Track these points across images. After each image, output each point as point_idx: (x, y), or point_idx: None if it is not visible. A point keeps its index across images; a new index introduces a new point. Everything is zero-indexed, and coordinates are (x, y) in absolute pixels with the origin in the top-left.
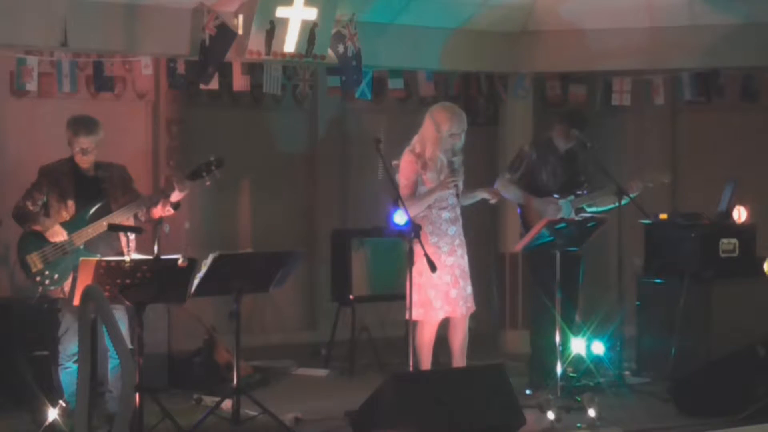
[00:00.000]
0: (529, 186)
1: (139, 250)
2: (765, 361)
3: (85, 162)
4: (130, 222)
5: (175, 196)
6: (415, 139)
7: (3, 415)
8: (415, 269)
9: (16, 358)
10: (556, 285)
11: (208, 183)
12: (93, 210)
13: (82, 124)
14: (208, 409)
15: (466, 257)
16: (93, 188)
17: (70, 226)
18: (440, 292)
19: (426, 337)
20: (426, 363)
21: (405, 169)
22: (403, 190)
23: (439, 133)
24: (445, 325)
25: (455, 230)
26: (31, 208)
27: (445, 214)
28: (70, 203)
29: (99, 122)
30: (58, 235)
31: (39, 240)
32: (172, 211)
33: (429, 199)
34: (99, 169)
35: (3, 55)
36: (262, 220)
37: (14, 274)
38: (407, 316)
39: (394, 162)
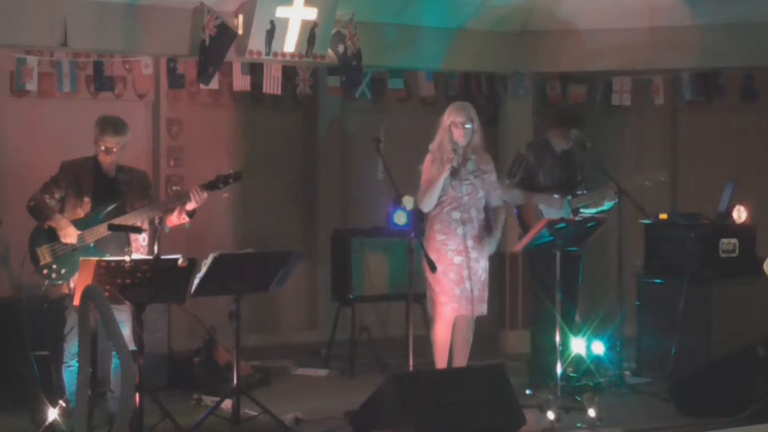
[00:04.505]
0: (527, 189)
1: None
2: (765, 361)
3: (107, 161)
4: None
5: (191, 205)
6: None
7: (3, 415)
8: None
9: (16, 358)
10: (556, 285)
11: (225, 195)
12: (108, 210)
13: (110, 124)
14: (208, 409)
15: (483, 262)
16: (111, 189)
17: (84, 223)
18: (444, 288)
19: (438, 334)
20: (440, 361)
21: (425, 168)
22: (421, 187)
23: (444, 124)
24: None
25: (465, 231)
26: (47, 201)
27: (455, 214)
28: (87, 201)
29: (127, 125)
30: (70, 237)
31: (51, 234)
32: (187, 219)
33: (435, 186)
34: (120, 171)
35: (3, 55)
36: (263, 220)
37: (22, 267)
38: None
39: (420, 167)
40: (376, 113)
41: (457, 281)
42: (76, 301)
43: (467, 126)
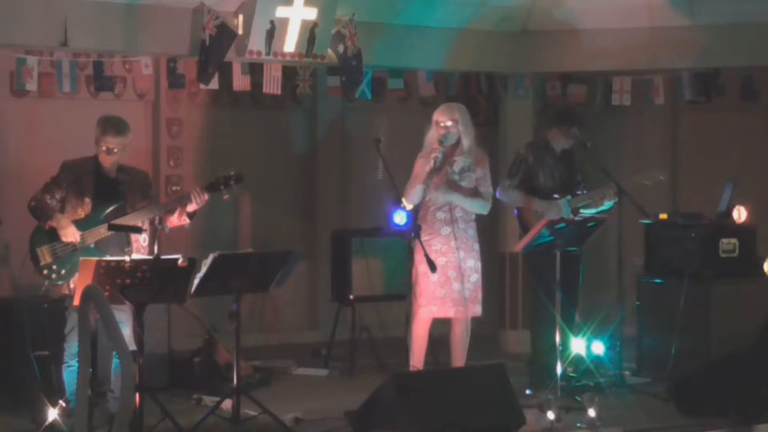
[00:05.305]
0: (527, 189)
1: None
2: (765, 361)
3: (107, 161)
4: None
5: (192, 207)
6: None
7: (3, 415)
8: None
9: (16, 358)
10: (556, 285)
11: (226, 196)
12: (108, 211)
13: (112, 124)
14: (208, 409)
15: (472, 262)
16: (112, 189)
17: (84, 224)
18: (424, 289)
19: (414, 333)
20: (416, 360)
21: (415, 165)
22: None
23: (432, 122)
24: (447, 325)
25: (450, 231)
26: (48, 201)
27: (440, 214)
28: (87, 201)
29: (128, 125)
30: (72, 236)
31: (52, 234)
32: (188, 220)
33: (416, 179)
34: (121, 171)
35: (3, 55)
36: (262, 220)
37: (22, 267)
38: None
39: None
40: (376, 113)
41: (442, 282)
42: (76, 301)
43: (448, 125)
